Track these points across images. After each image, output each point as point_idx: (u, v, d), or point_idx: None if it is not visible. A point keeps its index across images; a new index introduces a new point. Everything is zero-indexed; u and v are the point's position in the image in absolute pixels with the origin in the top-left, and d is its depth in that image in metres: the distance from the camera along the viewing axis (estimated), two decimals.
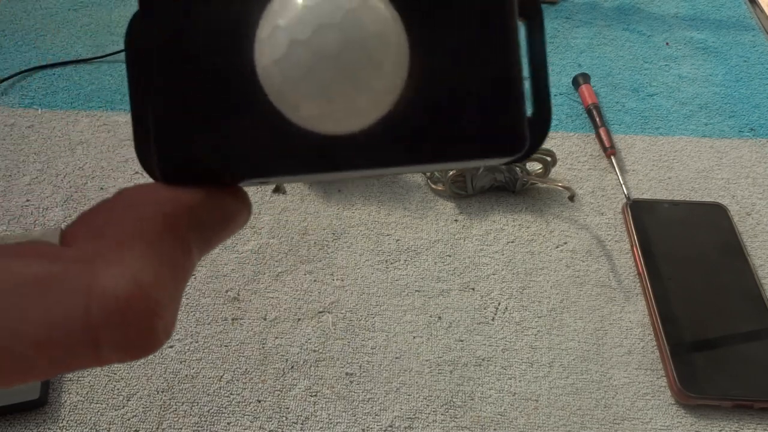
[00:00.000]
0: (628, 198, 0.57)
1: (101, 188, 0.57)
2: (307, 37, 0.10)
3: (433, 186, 0.58)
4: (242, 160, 0.11)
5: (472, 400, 0.44)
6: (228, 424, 0.43)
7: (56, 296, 0.11)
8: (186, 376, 0.45)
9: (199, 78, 0.11)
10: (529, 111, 0.12)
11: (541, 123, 0.12)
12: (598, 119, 0.63)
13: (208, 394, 0.44)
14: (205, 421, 0.43)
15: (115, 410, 0.43)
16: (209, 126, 0.11)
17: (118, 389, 0.44)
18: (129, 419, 0.43)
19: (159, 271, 0.11)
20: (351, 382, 0.45)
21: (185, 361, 0.45)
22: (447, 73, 0.11)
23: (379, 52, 0.10)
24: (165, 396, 0.44)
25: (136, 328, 0.11)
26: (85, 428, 0.42)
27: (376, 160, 0.11)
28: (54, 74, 0.69)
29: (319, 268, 0.51)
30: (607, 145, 0.61)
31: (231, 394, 0.44)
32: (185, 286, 0.12)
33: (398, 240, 0.54)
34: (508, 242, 0.54)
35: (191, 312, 0.48)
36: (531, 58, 0.12)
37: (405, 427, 0.43)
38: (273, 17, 0.10)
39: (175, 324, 0.12)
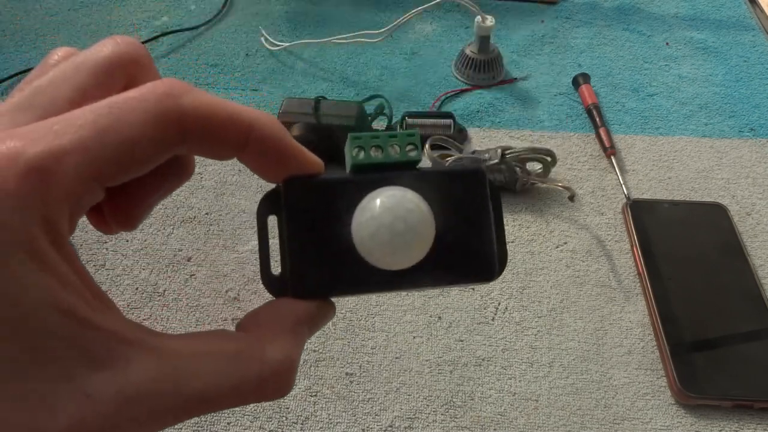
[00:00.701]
0: (628, 198, 0.57)
1: None
2: (388, 223, 0.20)
3: None
4: (341, 285, 0.21)
5: (472, 400, 0.44)
6: (228, 424, 0.43)
7: (242, 363, 0.18)
8: None
9: (319, 241, 0.21)
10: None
11: (503, 257, 0.22)
12: (598, 119, 0.63)
13: None
14: (205, 421, 0.43)
15: None
16: (324, 268, 0.21)
17: None
18: None
19: (297, 349, 0.19)
20: (351, 382, 0.45)
21: None
22: (453, 241, 0.21)
23: (423, 232, 0.20)
24: None
25: (285, 383, 0.19)
26: None
27: (412, 285, 0.21)
28: None
29: None
30: (607, 145, 0.61)
31: None
32: None
33: None
34: (508, 242, 0.54)
35: (191, 312, 0.48)
36: (495, 224, 0.22)
37: (405, 427, 0.43)
38: (365, 211, 0.20)
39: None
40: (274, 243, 0.21)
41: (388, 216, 0.20)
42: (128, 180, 0.17)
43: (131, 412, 0.16)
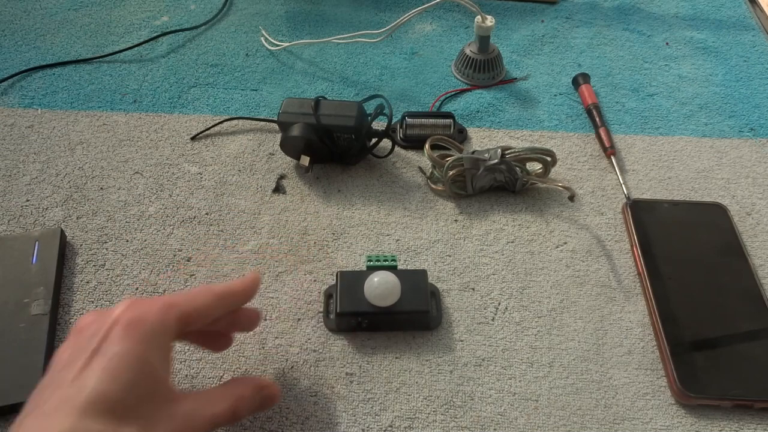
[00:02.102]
0: (628, 198, 0.57)
1: (101, 188, 0.57)
2: (380, 283, 0.45)
3: (433, 186, 0.58)
4: (357, 309, 0.46)
5: (472, 400, 0.44)
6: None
7: (227, 401, 0.37)
8: (186, 376, 0.45)
9: (350, 293, 0.46)
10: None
11: (439, 315, 0.48)
12: (598, 119, 0.63)
13: None
14: None
15: None
16: (351, 302, 0.46)
17: None
18: None
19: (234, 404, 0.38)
20: (351, 382, 0.45)
21: (185, 362, 0.45)
22: (409, 300, 0.46)
23: (394, 290, 0.45)
24: None
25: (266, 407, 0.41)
26: None
27: (387, 318, 0.47)
28: (54, 74, 0.69)
29: (319, 268, 0.51)
30: (607, 145, 0.61)
31: None
32: None
33: (398, 240, 0.54)
34: (508, 242, 0.54)
35: None
36: (432, 295, 0.49)
37: (405, 427, 0.43)
38: (371, 279, 0.46)
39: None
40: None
41: (380, 281, 0.45)
42: (199, 325, 0.38)
43: (183, 424, 0.33)
